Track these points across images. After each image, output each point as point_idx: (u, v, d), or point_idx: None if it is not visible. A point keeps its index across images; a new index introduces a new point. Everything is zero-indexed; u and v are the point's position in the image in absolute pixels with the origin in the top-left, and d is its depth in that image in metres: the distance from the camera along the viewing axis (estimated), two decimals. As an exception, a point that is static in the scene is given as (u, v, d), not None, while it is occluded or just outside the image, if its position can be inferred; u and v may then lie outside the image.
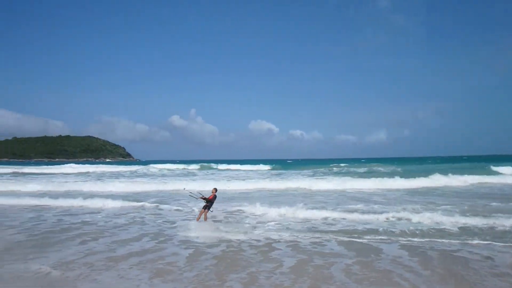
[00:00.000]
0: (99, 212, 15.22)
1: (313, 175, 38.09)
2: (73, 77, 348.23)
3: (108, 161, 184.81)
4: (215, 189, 13.01)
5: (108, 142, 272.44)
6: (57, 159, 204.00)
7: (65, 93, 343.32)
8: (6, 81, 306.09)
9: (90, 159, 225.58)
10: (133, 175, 42.17)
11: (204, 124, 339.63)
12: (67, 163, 77.89)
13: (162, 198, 19.88)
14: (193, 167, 57.26)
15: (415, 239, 9.96)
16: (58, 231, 11.19)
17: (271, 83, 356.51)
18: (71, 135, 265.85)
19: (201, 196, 12.80)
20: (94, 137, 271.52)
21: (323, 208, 15.37)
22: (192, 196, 13.06)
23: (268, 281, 6.82)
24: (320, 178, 31.69)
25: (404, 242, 9.75)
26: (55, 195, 20.12)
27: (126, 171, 49.15)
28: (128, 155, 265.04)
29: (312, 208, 15.06)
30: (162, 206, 16.41)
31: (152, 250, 9.01)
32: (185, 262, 7.98)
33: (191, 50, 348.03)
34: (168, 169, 53.26)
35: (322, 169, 50.23)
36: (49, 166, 63.19)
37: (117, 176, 40.21)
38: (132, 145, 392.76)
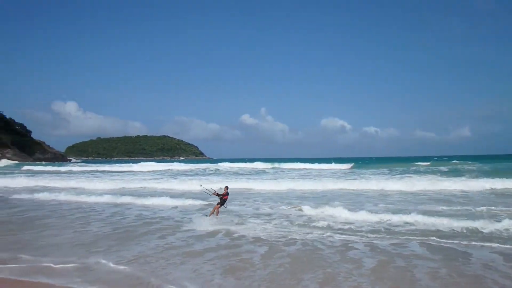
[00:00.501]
0: (175, 207, 16.09)
1: (388, 174, 36.31)
2: (149, 81, 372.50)
3: (182, 159, 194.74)
4: (227, 187, 13.36)
5: (182, 141, 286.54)
6: (136, 158, 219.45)
7: (142, 96, 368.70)
8: (92, 86, 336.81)
9: (165, 157, 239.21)
10: (204, 173, 43.75)
11: (274, 123, 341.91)
12: (144, 161, 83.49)
13: (234, 195, 20.35)
14: (263, 165, 57.60)
15: (508, 245, 8.98)
16: (139, 226, 11.99)
17: (344, 78, 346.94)
18: (148, 135, 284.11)
19: (214, 192, 13.07)
20: (169, 137, 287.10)
21: (400, 210, 14.59)
22: (206, 192, 13.37)
23: (346, 282, 6.61)
24: (396, 177, 30.08)
25: (496, 246, 8.87)
26: (135, 192, 21.66)
27: (197, 169, 50.96)
28: (201, 153, 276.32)
29: (387, 210, 14.37)
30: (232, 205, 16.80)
31: (227, 246, 9.25)
32: (260, 259, 8.05)
33: (261, 52, 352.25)
34: (239, 168, 54.19)
35: (399, 168, 47.65)
36: (129, 164, 68.22)
37: (189, 174, 42.03)
38: (205, 144, 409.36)
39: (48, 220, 12.97)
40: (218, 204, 12.83)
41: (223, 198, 12.77)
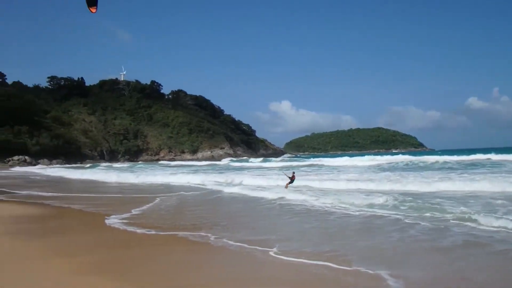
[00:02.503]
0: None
1: None
2: (360, 75, 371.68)
3: (398, 152, 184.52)
4: (294, 172, 17.95)
5: (398, 132, 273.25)
6: (349, 151, 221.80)
7: (352, 89, 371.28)
8: (302, 85, 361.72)
9: (380, 150, 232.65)
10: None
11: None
12: (358, 155, 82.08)
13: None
14: (499, 157, 42.11)
15: None
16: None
17: None
18: (361, 127, 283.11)
19: (286, 174, 18.17)
20: (384, 128, 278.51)
21: None
22: (286, 174, 18.10)
23: None
24: None
25: None
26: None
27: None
28: (420, 144, 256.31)
29: None
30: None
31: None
32: None
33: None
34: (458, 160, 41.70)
35: None
36: (343, 158, 67.80)
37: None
38: (424, 134, 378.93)
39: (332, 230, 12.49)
40: (289, 182, 17.19)
41: (292, 179, 17.30)
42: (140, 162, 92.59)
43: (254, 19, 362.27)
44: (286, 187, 16.82)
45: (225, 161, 71.48)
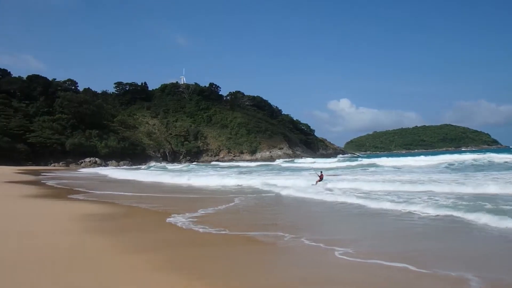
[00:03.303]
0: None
1: None
2: (422, 69, 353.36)
3: (469, 150, 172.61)
4: (322, 171, 20.07)
5: (468, 129, 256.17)
6: (415, 150, 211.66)
7: (417, 84, 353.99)
8: (361, 83, 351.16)
9: (449, 148, 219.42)
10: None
11: None
12: (424, 154, 77.98)
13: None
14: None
15: None
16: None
17: None
18: (427, 125, 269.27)
19: (317, 173, 19.99)
20: (452, 125, 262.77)
21: None
22: (316, 173, 20.39)
23: None
24: None
25: None
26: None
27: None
28: (494, 141, 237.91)
29: None
30: None
31: None
32: None
33: None
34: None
35: None
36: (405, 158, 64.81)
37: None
38: (497, 130, 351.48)
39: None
40: (319, 180, 19.02)
41: (321, 177, 19.14)
42: (196, 162, 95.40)
43: (310, 18, 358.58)
44: (316, 183, 19.10)
45: (277, 161, 71.23)
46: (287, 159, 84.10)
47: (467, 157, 37.51)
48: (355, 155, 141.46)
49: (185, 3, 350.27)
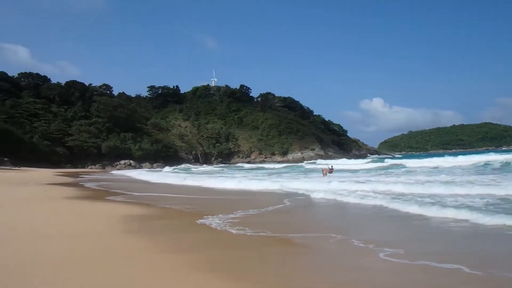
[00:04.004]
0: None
1: None
2: (458, 64, 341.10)
3: (511, 149, 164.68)
4: (331, 166, 26.40)
5: (510, 127, 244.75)
6: (453, 150, 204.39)
7: (453, 81, 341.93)
8: (393, 81, 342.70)
9: (489, 147, 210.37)
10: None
11: None
12: (463, 154, 75.14)
13: None
14: None
15: None
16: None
17: None
18: (465, 123, 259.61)
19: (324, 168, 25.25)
20: (492, 123, 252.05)
21: None
22: (327, 165, 25.07)
23: None
24: None
25: None
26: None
27: None
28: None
29: None
30: None
31: None
32: None
33: None
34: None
35: None
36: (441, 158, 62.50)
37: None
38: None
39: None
40: (327, 172, 23.83)
41: (330, 171, 23.48)
42: (227, 164, 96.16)
43: (341, 15, 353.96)
44: (325, 174, 23.02)
45: (301, 163, 70.23)
46: (310, 161, 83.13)
47: (505, 158, 34.65)
48: (389, 156, 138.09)
49: (215, 6, 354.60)
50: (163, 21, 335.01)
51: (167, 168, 72.91)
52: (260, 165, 73.48)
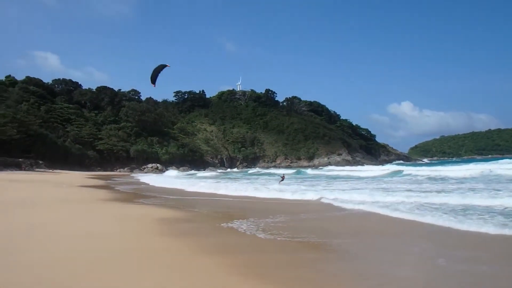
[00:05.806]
0: None
1: None
2: (492, 65, 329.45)
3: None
4: (284, 175, 30.28)
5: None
6: (489, 156, 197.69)
7: (487, 82, 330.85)
8: (421, 84, 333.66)
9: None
10: None
11: None
12: (500, 159, 72.65)
13: None
14: None
15: None
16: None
17: None
18: (502, 128, 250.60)
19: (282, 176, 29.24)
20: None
21: None
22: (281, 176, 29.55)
23: None
24: None
25: None
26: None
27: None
28: None
29: None
30: None
31: None
32: None
33: None
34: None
35: None
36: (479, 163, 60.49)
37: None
38: None
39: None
40: (281, 180, 28.27)
41: (282, 178, 28.36)
42: (253, 168, 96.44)
43: (366, 21, 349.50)
44: (279, 183, 27.33)
45: (312, 170, 67.84)
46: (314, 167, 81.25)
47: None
48: (421, 161, 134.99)
49: (240, 11, 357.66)
50: (188, 26, 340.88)
51: (200, 173, 71.62)
52: (267, 171, 71.55)
